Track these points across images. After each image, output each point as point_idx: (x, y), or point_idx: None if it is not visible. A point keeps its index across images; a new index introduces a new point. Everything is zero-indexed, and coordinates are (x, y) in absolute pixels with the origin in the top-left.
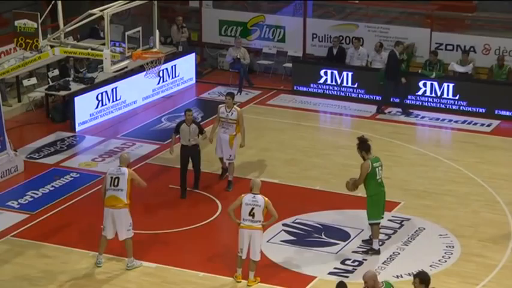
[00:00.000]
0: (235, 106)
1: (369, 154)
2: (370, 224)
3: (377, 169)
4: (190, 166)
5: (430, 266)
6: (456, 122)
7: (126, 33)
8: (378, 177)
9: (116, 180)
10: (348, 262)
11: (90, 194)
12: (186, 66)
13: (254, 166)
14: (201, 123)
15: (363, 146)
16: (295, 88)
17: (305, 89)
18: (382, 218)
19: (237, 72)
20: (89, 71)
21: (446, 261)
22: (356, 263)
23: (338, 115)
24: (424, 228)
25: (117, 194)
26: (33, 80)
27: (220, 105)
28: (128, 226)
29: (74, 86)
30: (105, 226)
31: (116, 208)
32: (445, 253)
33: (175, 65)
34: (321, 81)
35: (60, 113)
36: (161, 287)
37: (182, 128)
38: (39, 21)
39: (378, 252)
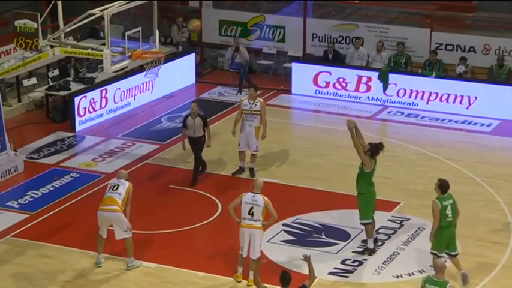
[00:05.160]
0: (258, 97)
1: (371, 159)
2: (362, 224)
3: (373, 171)
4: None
5: (430, 266)
6: (456, 122)
7: (126, 33)
8: (371, 179)
9: (116, 186)
10: (348, 262)
11: (90, 194)
12: (186, 66)
13: None
14: (207, 119)
15: (373, 151)
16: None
17: (305, 89)
18: (373, 217)
19: (237, 72)
20: (89, 71)
21: (446, 261)
22: (356, 263)
23: (338, 115)
24: (424, 228)
25: (114, 196)
26: (33, 80)
27: (242, 98)
28: (125, 228)
29: (74, 86)
30: (100, 226)
31: (110, 212)
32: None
33: (175, 65)
34: (321, 81)
35: (60, 113)
36: (161, 287)
37: (188, 120)
38: (39, 21)
39: (373, 251)
